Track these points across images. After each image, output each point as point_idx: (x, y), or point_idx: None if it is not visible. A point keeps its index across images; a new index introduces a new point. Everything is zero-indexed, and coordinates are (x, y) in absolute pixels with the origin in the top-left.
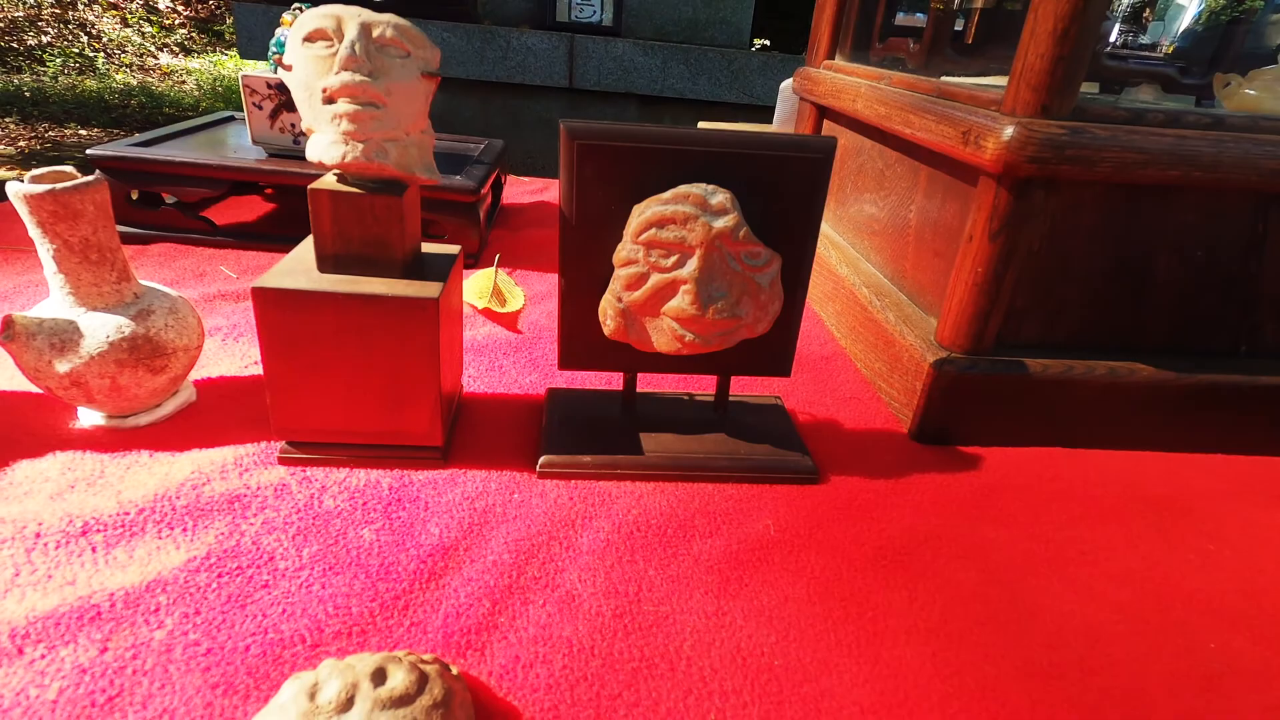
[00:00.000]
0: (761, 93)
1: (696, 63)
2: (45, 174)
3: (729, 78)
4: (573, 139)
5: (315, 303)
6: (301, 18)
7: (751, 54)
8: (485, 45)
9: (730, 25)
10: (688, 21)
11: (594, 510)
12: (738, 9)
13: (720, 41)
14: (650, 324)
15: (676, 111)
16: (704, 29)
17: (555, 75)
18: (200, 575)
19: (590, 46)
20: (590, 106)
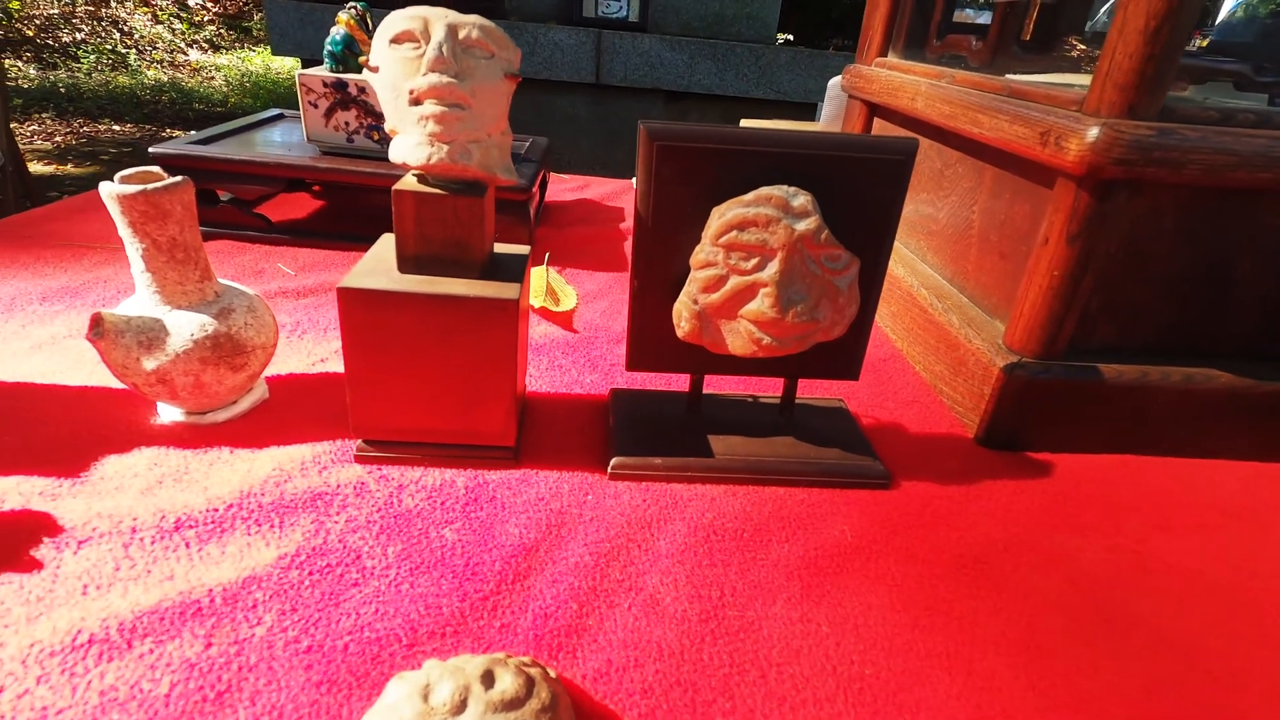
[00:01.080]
0: (789, 88)
1: (724, 58)
2: (133, 174)
3: (756, 73)
4: (652, 140)
5: (398, 303)
6: (388, 20)
7: (779, 49)
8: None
9: (757, 20)
10: (714, 16)
11: (668, 513)
12: (765, 4)
13: (746, 36)
14: (726, 326)
15: (703, 107)
16: (730, 24)
17: (582, 71)
18: (292, 573)
19: (617, 42)
20: (616, 102)
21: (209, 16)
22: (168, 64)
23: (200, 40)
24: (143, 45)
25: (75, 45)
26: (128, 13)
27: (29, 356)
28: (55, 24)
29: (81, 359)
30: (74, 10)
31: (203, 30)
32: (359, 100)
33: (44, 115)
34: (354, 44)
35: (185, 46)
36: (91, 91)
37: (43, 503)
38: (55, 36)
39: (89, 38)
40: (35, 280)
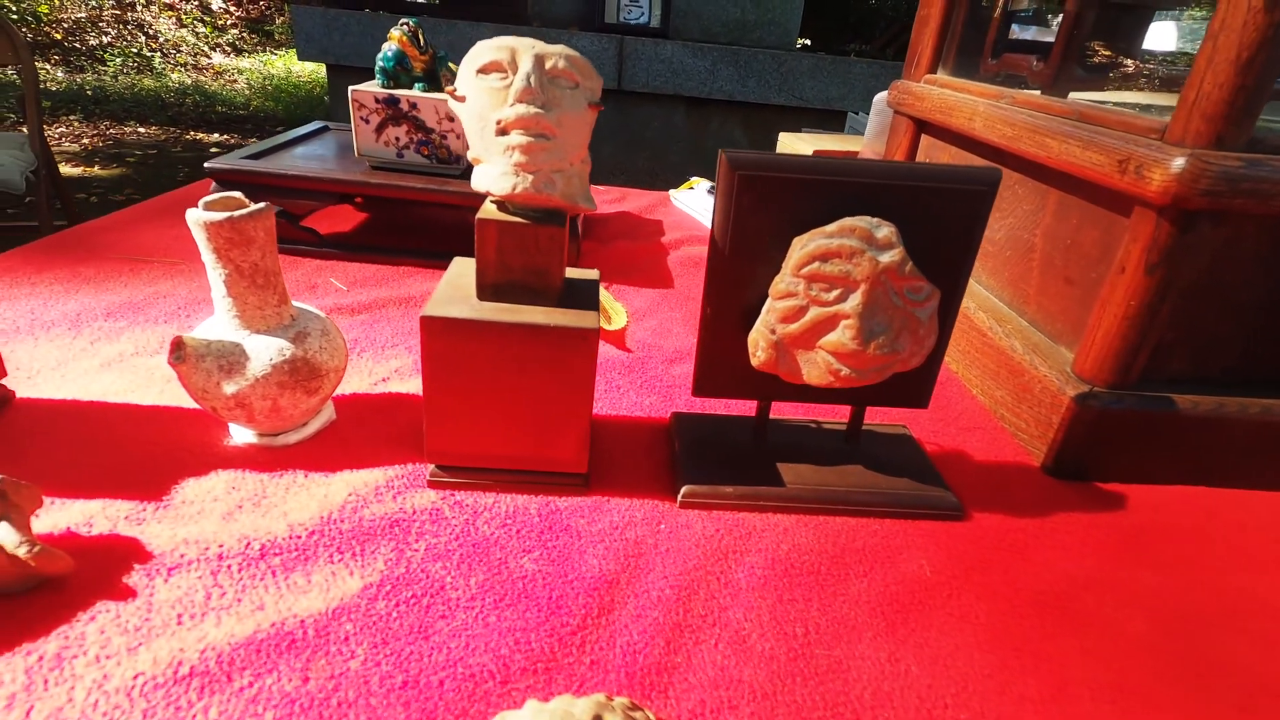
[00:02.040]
0: (810, 95)
1: (746, 65)
2: (216, 200)
3: (778, 80)
4: (734, 169)
5: (479, 331)
6: (475, 50)
7: (801, 56)
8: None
9: (779, 26)
10: (736, 23)
11: (742, 544)
12: (786, 10)
13: (768, 43)
14: (803, 356)
15: (724, 114)
16: (752, 30)
17: (604, 77)
18: (380, 604)
19: (640, 48)
20: (637, 108)
21: (231, 20)
22: (191, 67)
23: (223, 44)
24: (167, 49)
25: (102, 48)
26: (153, 16)
27: (99, 374)
28: (83, 27)
29: (151, 377)
30: (101, 14)
31: (225, 34)
32: (410, 116)
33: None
34: (406, 60)
35: (208, 50)
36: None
37: (129, 527)
38: (83, 40)
39: (115, 41)
40: (98, 295)
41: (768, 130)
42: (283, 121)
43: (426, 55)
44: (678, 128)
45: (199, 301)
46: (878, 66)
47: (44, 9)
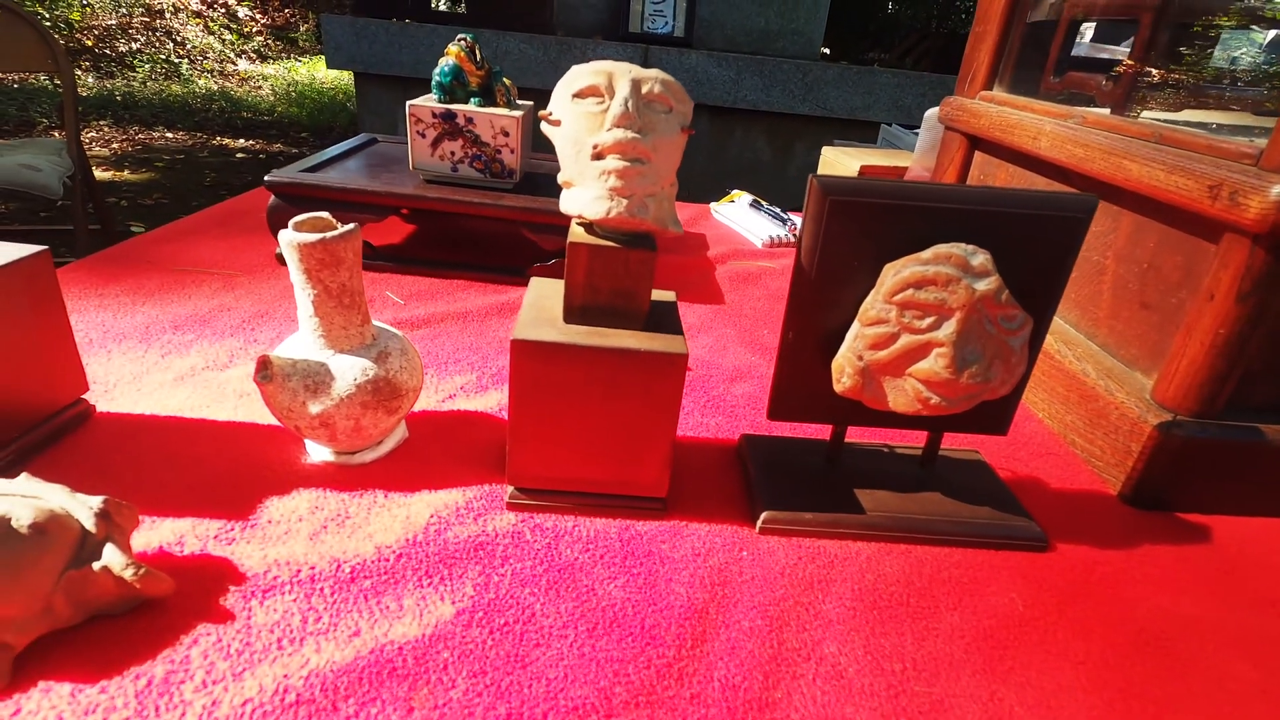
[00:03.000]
0: (835, 104)
1: (770, 74)
2: (305, 220)
3: (803, 90)
4: (825, 194)
5: (568, 354)
6: (572, 74)
7: (826, 66)
8: (561, 56)
9: (802, 36)
10: (759, 32)
11: (826, 573)
12: (810, 20)
13: (790, 52)
14: (890, 383)
15: (748, 123)
16: (775, 40)
17: None
18: (474, 630)
19: (664, 58)
20: None
21: (257, 28)
22: (218, 73)
23: (249, 51)
24: (194, 55)
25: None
26: (181, 24)
27: (174, 389)
28: (113, 34)
29: (223, 392)
30: (130, 21)
31: (251, 41)
32: (466, 130)
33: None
34: (462, 75)
35: (234, 56)
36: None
37: (219, 547)
38: (113, 46)
39: (144, 48)
40: (163, 307)
41: (791, 140)
42: (306, 128)
43: (482, 70)
44: (701, 137)
45: (261, 315)
46: (902, 76)
47: (76, 16)
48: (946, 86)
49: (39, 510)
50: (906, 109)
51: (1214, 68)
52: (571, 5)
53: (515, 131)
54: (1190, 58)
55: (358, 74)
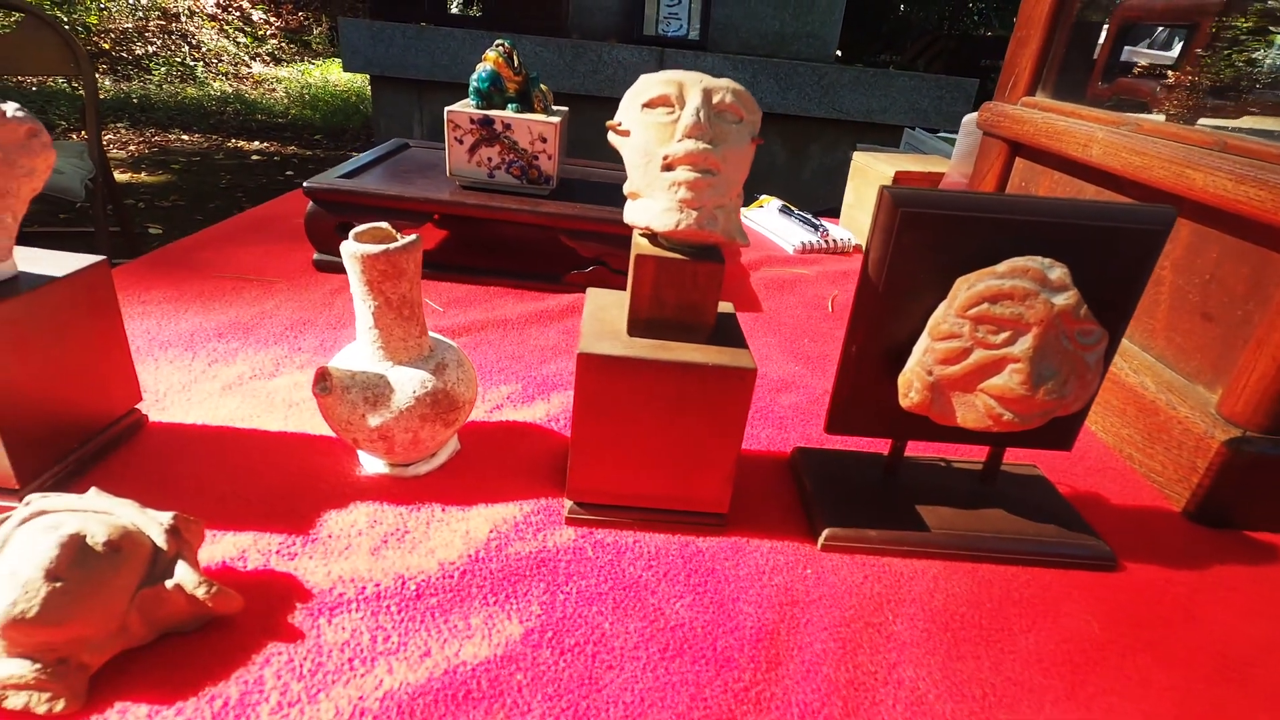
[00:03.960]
0: (850, 108)
1: (787, 77)
2: (365, 231)
3: (819, 93)
4: (896, 206)
5: (634, 369)
6: (641, 84)
7: (843, 69)
8: (576, 59)
9: (817, 39)
10: (774, 35)
11: (894, 592)
12: (825, 22)
13: (805, 55)
14: (959, 399)
15: (764, 126)
16: (790, 43)
17: None
18: (544, 651)
19: (680, 60)
20: None
21: (271, 31)
22: (232, 76)
23: (263, 54)
24: (209, 58)
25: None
26: (196, 27)
27: (223, 399)
28: (129, 37)
29: (271, 402)
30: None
31: (265, 44)
32: (504, 137)
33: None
34: (500, 80)
35: (249, 59)
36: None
37: (282, 562)
38: (129, 49)
39: (160, 51)
40: (205, 314)
41: (806, 143)
42: (320, 130)
43: (520, 76)
44: None
45: (303, 322)
46: (918, 79)
47: (93, 19)
48: (964, 89)
49: (113, 527)
50: (923, 112)
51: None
52: (586, 8)
53: (553, 137)
54: (1250, 62)
55: (373, 77)
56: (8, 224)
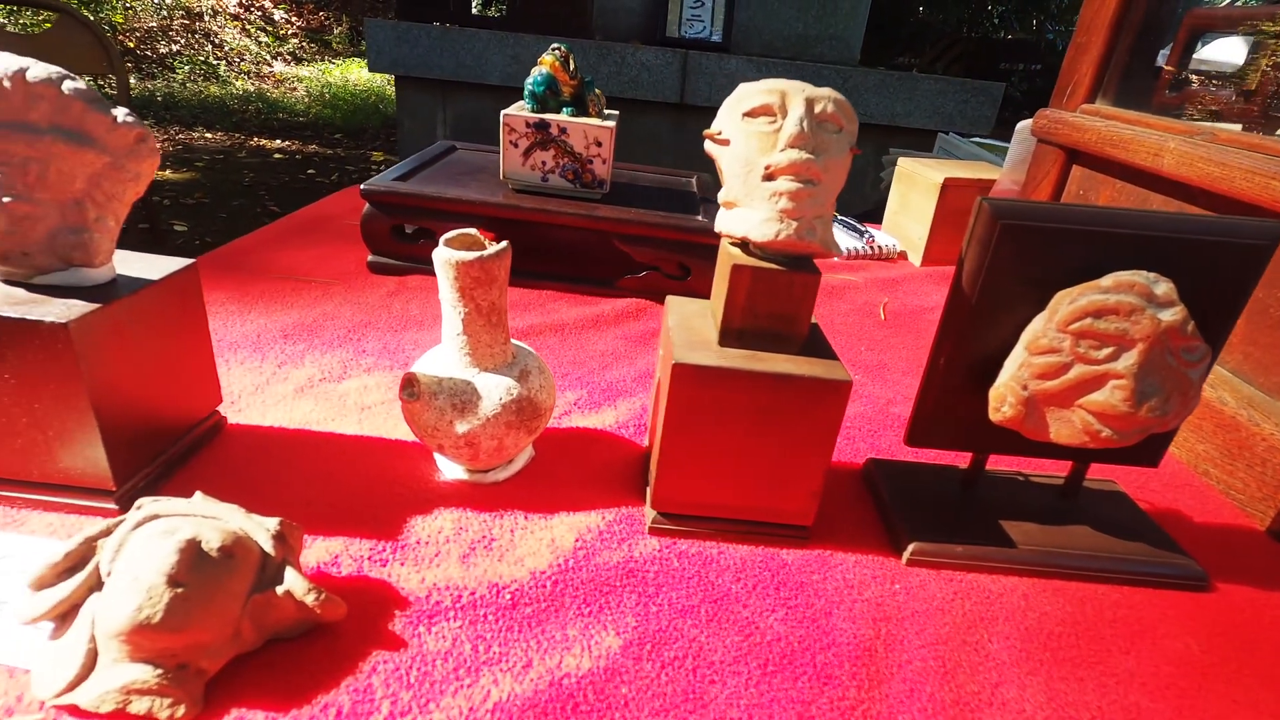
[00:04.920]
0: (874, 110)
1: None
2: (454, 238)
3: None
4: (996, 218)
5: (729, 379)
6: (742, 93)
7: (867, 72)
8: (600, 61)
9: (840, 41)
10: (797, 37)
11: (984, 610)
12: (849, 24)
13: (829, 57)
14: (1054, 414)
15: None
16: (813, 45)
17: (667, 91)
18: (645, 664)
19: (704, 63)
20: (698, 122)
21: (293, 30)
22: (254, 75)
23: (284, 53)
24: (232, 57)
25: (171, 56)
26: (219, 26)
27: (295, 401)
28: (154, 36)
29: (343, 405)
30: (171, 23)
31: (286, 43)
32: (559, 140)
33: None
34: (555, 84)
35: (270, 59)
36: (186, 101)
37: (375, 568)
38: (154, 48)
39: (184, 50)
40: (269, 316)
41: None
42: (340, 129)
43: (575, 80)
44: None
45: (364, 324)
46: (944, 83)
47: (119, 19)
48: (989, 93)
49: (225, 533)
50: (948, 116)
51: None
52: (610, 10)
53: (608, 141)
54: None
55: (398, 77)
56: (110, 227)
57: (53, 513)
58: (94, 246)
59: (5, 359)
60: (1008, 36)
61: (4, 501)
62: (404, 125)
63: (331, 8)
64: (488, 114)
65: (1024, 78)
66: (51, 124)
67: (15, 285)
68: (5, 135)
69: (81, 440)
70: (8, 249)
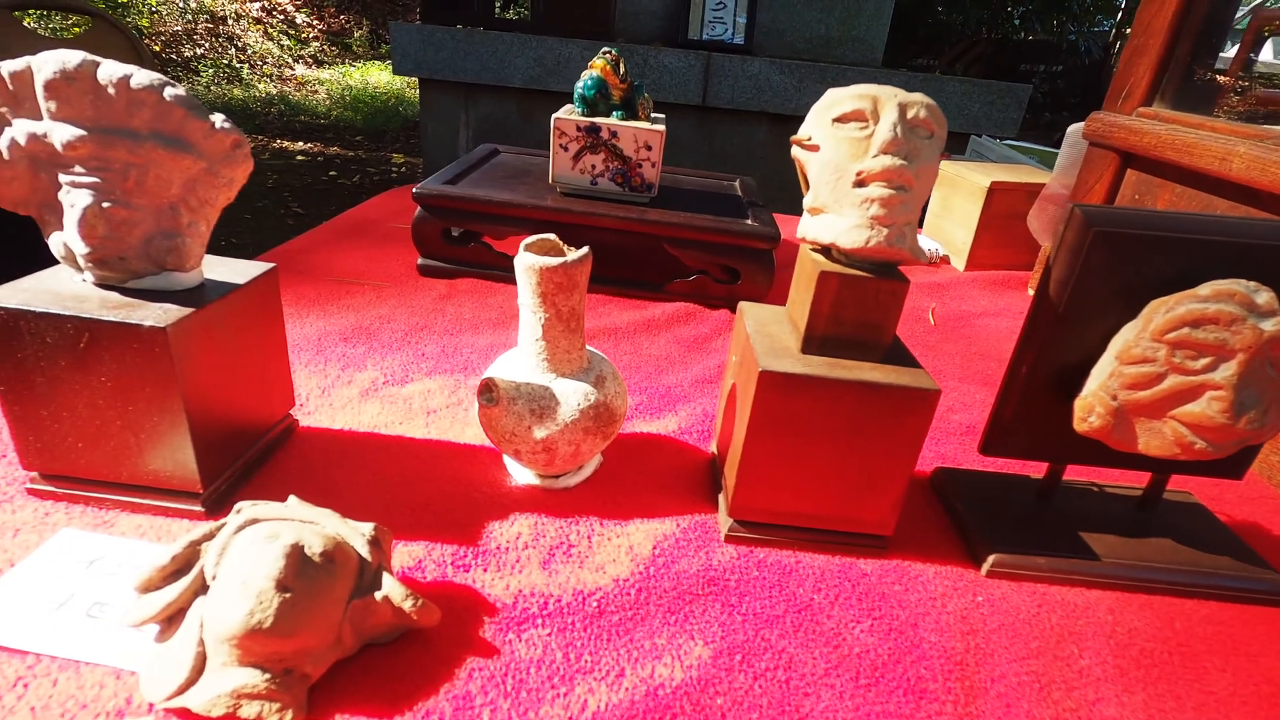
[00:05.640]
0: None
1: (834, 82)
2: (534, 243)
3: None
4: (1089, 225)
5: (814, 387)
6: (832, 98)
7: (892, 73)
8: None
9: (864, 43)
10: (819, 39)
11: (1072, 624)
12: (872, 26)
13: (851, 59)
14: (1144, 425)
15: None
16: (835, 47)
17: (689, 93)
18: (738, 676)
19: (726, 65)
20: (720, 125)
21: (314, 33)
22: (276, 78)
23: (305, 56)
24: (255, 60)
25: (196, 60)
26: (242, 30)
27: (362, 405)
28: (179, 40)
29: (409, 409)
30: (195, 27)
31: (308, 46)
32: (609, 144)
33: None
34: (606, 88)
35: (292, 61)
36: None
37: (459, 574)
38: (178, 51)
39: (208, 53)
40: (327, 319)
41: None
42: (361, 131)
43: (625, 84)
44: (759, 145)
45: (421, 328)
46: (969, 85)
47: (145, 22)
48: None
49: (326, 538)
50: (973, 118)
51: None
52: (632, 13)
53: (658, 145)
54: None
55: (422, 80)
56: (202, 232)
57: (140, 514)
58: (186, 251)
59: (103, 362)
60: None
61: (93, 502)
62: (427, 127)
63: (352, 11)
64: (510, 116)
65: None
66: (151, 130)
67: (110, 289)
68: (108, 141)
69: (173, 443)
70: (106, 253)
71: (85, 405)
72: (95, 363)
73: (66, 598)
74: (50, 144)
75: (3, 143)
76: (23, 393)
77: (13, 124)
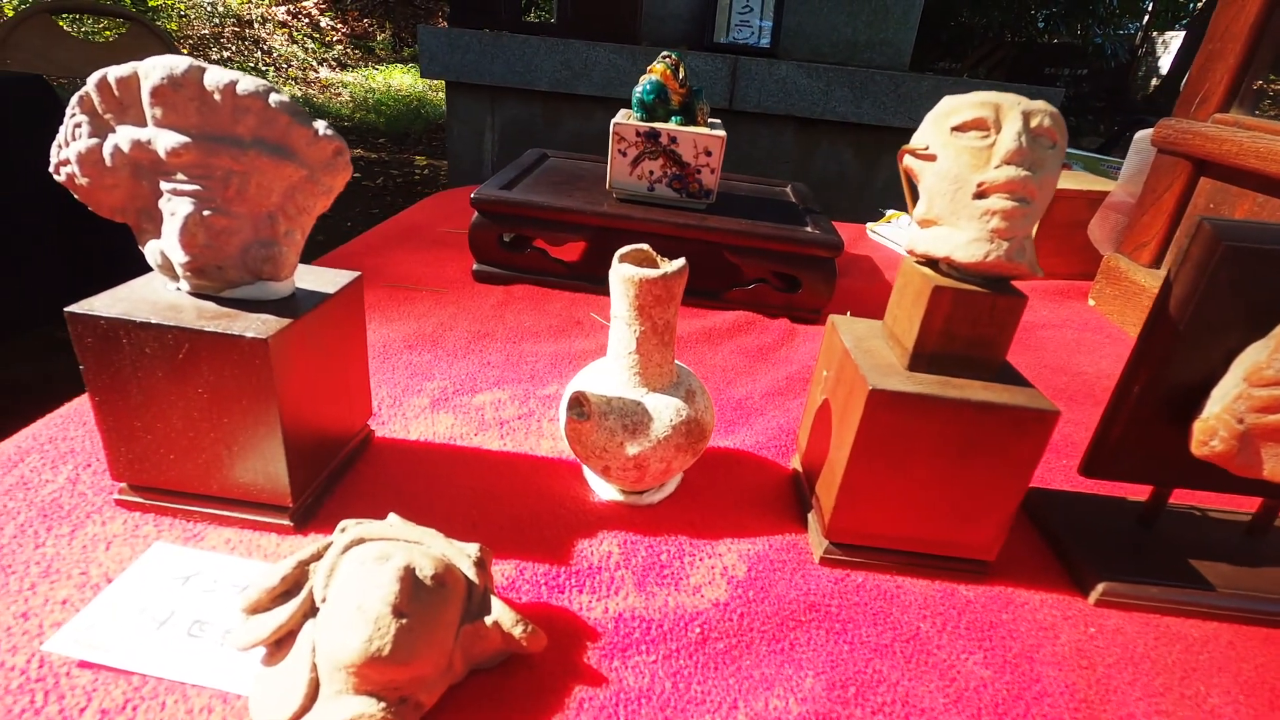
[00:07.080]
0: None
1: (861, 85)
2: (628, 253)
3: (895, 102)
4: (1219, 239)
5: (925, 407)
6: (951, 105)
7: (921, 78)
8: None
9: (891, 46)
10: (846, 43)
11: (1194, 659)
12: (900, 30)
13: (878, 63)
14: (1270, 450)
15: (834, 135)
16: (862, 50)
17: (716, 96)
18: (855, 709)
19: (754, 68)
20: (746, 128)
21: (338, 37)
22: (300, 81)
23: (329, 59)
24: (280, 63)
25: (223, 63)
26: (268, 33)
27: (434, 415)
28: (207, 43)
29: (482, 420)
30: (223, 31)
31: (331, 49)
32: (668, 150)
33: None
34: (665, 93)
35: (316, 64)
36: None
37: (555, 595)
38: (206, 54)
39: (235, 56)
40: (389, 325)
41: (879, 153)
42: (384, 134)
43: (684, 89)
44: (785, 148)
45: (483, 335)
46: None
47: (173, 26)
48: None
49: (436, 560)
50: None
51: None
52: (658, 16)
53: (718, 151)
54: None
55: (449, 83)
56: (297, 241)
57: (228, 527)
58: (282, 260)
59: (201, 373)
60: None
61: (181, 514)
62: (453, 130)
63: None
64: (536, 120)
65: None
66: (255, 137)
67: (205, 298)
68: (212, 149)
69: (266, 455)
70: (204, 262)
71: (180, 416)
72: (193, 373)
73: (167, 615)
74: (153, 151)
75: (105, 149)
76: (118, 404)
77: (116, 130)
